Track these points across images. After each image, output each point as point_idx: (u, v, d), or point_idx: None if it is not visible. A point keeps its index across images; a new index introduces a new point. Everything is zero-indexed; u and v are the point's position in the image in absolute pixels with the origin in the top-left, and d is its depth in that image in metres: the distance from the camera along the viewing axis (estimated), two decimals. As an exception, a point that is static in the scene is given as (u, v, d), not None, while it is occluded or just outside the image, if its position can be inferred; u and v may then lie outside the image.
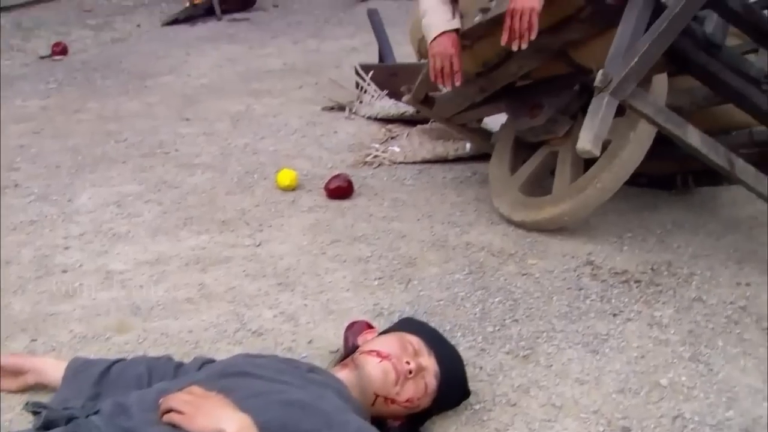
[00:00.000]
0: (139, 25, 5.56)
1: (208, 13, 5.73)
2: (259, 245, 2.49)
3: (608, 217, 2.59)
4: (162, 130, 3.48)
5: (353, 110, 3.70)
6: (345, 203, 2.80)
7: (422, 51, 2.54)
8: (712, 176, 2.59)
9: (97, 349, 1.91)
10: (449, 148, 3.17)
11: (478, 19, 2.35)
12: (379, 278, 2.29)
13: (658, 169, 2.64)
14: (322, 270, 2.34)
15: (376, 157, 3.20)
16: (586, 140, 1.93)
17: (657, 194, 2.73)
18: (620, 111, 2.17)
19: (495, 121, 3.02)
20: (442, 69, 2.39)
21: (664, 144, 2.48)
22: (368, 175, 3.06)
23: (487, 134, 3.04)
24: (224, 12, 5.73)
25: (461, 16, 2.45)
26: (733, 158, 2.04)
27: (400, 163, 3.16)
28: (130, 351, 1.90)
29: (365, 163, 3.17)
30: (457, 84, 2.41)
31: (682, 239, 2.44)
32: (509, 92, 2.68)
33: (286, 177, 2.91)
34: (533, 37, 2.16)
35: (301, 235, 2.56)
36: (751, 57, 2.26)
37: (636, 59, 1.90)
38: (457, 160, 3.15)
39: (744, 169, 2.04)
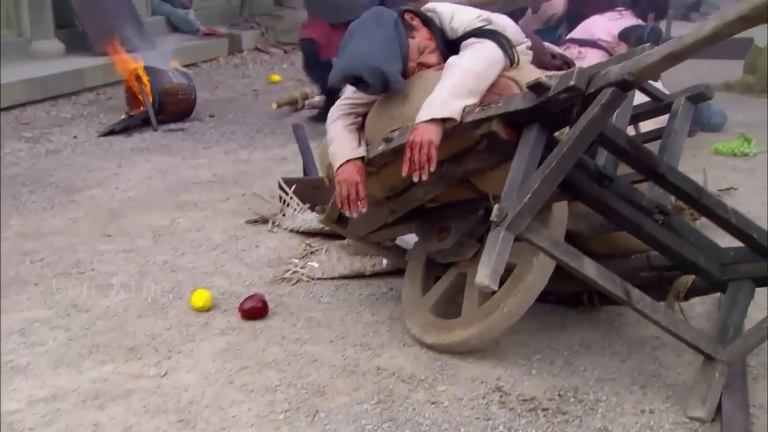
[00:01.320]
0: (75, 137, 5.37)
1: (144, 123, 5.59)
2: (164, 375, 2.30)
3: (518, 336, 2.48)
4: (81, 248, 3.28)
5: (276, 223, 3.57)
6: (259, 324, 2.63)
7: (330, 177, 2.44)
8: (617, 294, 2.54)
9: None
10: (366, 264, 3.05)
11: (381, 148, 2.28)
12: (286, 411, 2.11)
13: (565, 288, 2.56)
14: (227, 402, 2.15)
15: (294, 273, 3.06)
16: (484, 275, 1.83)
17: (565, 312, 2.64)
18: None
19: (411, 237, 2.92)
20: (348, 196, 2.30)
21: (568, 264, 2.42)
22: (285, 292, 2.90)
23: (402, 251, 2.93)
24: (161, 122, 5.59)
25: (367, 144, 2.38)
26: (629, 288, 1.96)
27: (318, 279, 3.02)
28: None
29: (284, 279, 3.02)
30: (363, 211, 2.32)
31: (589, 361, 2.34)
32: (419, 213, 2.59)
33: (200, 298, 2.74)
34: (432, 168, 2.09)
35: (210, 362, 2.37)
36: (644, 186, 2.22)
37: (529, 195, 1.83)
38: (375, 275, 3.03)
39: (640, 298, 1.96)
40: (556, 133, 2.07)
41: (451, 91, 2.09)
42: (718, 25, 1.55)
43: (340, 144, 2.33)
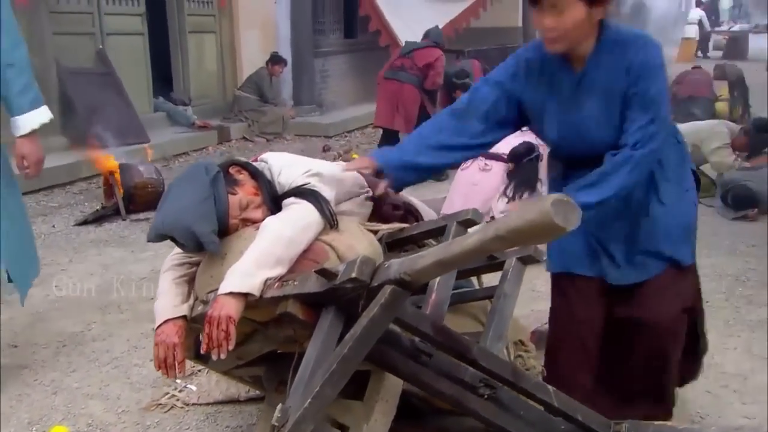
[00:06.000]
0: (53, 226, 4.86)
1: (117, 213, 5.08)
2: None
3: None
4: (-23, 364, 2.72)
5: (182, 331, 3.00)
6: (108, 469, 2.06)
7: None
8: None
9: None
10: (241, 389, 2.48)
11: (200, 309, 1.73)
12: None
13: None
14: None
15: (171, 397, 2.48)
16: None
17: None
18: (357, 394, 1.56)
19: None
20: (165, 360, 1.73)
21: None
22: (154, 423, 2.33)
23: (270, 382, 2.36)
24: (131, 212, 5.08)
25: (196, 298, 1.83)
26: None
27: (193, 404, 2.44)
28: None
29: (159, 404, 2.45)
30: (180, 375, 1.76)
31: None
32: (270, 359, 2.03)
33: (55, 438, 2.17)
34: (231, 347, 1.54)
35: None
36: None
37: (309, 401, 1.27)
38: (250, 400, 2.46)
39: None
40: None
41: (256, 259, 1.56)
42: (480, 238, 1.04)
43: (164, 300, 1.79)
